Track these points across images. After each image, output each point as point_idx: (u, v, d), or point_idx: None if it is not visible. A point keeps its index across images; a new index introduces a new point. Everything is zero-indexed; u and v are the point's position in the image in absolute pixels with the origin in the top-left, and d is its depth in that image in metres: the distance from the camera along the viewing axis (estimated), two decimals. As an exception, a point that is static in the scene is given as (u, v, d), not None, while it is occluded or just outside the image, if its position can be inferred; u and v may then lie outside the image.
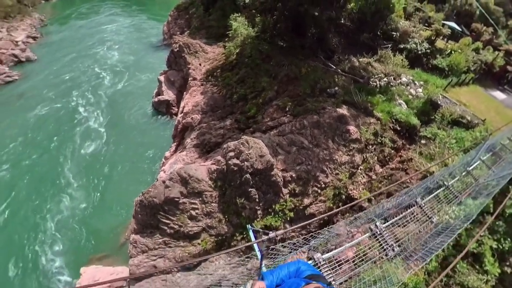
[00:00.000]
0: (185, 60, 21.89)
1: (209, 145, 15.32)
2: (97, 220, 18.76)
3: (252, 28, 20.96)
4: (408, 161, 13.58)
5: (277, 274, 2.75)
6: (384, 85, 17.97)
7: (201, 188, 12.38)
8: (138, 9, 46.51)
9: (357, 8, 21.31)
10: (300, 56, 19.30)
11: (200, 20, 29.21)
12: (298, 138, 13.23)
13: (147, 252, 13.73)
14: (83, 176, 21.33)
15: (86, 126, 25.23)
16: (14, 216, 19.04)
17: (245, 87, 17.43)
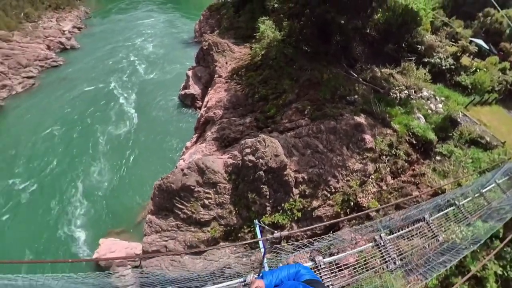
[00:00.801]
0: (212, 58, 22.14)
1: (227, 140, 15.47)
2: (119, 196, 19.51)
3: (278, 32, 20.88)
4: (420, 175, 13.13)
5: (277, 275, 2.72)
6: (404, 97, 17.41)
7: (216, 180, 12.58)
8: (173, 7, 47.62)
9: (383, 19, 20.64)
10: (323, 62, 18.99)
11: (230, 21, 29.50)
12: (314, 141, 13.11)
13: (160, 233, 14.12)
14: (111, 153, 22.50)
15: (120, 109, 26.67)
16: (49, 179, 20.56)
17: (267, 87, 17.39)
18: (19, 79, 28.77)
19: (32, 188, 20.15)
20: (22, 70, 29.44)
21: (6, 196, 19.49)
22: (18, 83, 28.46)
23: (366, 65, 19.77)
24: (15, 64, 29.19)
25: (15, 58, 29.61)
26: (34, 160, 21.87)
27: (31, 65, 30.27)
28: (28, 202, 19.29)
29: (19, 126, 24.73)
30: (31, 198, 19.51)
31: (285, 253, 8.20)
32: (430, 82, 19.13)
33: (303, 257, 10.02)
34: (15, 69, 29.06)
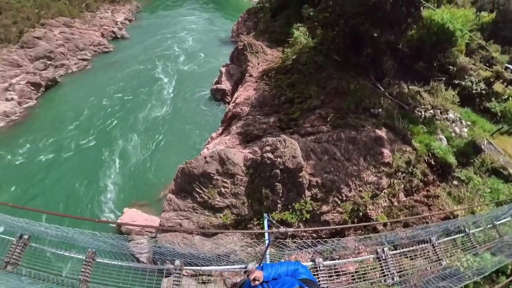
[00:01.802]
0: (246, 58, 22.39)
1: (250, 136, 15.60)
2: (146, 172, 20.41)
3: (311, 39, 20.56)
4: (434, 197, 12.58)
5: (276, 269, 2.72)
6: (429, 117, 16.62)
7: (234, 171, 12.78)
8: (214, 8, 48.37)
9: (417, 36, 19.55)
10: (351, 73, 18.52)
11: (266, 24, 29.59)
12: (332, 148, 12.94)
13: (177, 211, 14.59)
14: (146, 132, 23.73)
15: (160, 93, 27.99)
16: (93, 143, 22.55)
17: (294, 91, 17.30)
18: (75, 60, 31.19)
19: (77, 149, 22.21)
20: (78, 53, 31.88)
21: (55, 152, 21.78)
22: (74, 64, 30.85)
23: (394, 80, 19.03)
24: (73, 47, 31.64)
25: (74, 42, 32.02)
26: (82, 125, 24.11)
27: (86, 49, 32.64)
28: (72, 161, 21.23)
29: (72, 98, 27.15)
30: (75, 157, 21.51)
31: (288, 249, 8.27)
32: (457, 105, 18.05)
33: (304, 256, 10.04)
34: (73, 51, 31.49)
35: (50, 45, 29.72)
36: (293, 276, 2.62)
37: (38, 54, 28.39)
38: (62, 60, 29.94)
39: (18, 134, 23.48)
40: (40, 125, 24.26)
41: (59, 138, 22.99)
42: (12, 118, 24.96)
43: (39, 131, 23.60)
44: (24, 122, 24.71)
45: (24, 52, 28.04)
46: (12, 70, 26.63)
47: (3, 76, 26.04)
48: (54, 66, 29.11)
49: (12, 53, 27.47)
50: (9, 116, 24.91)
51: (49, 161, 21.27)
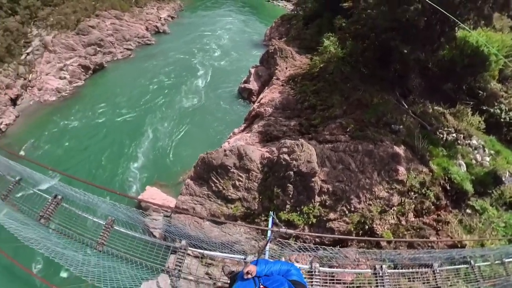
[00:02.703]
0: (275, 61, 22.15)
1: (270, 136, 15.40)
2: (171, 156, 21.07)
3: (340, 49, 19.88)
4: (444, 223, 11.65)
5: (270, 267, 2.66)
6: (450, 140, 15.43)
7: (250, 167, 12.68)
8: (250, 11, 48.45)
9: (449, 56, 18.13)
10: (376, 86, 17.67)
11: (297, 31, 29.14)
12: (348, 159, 12.42)
13: (193, 196, 14.74)
14: (175, 118, 24.46)
15: (193, 85, 28.74)
16: (130, 121, 23.86)
17: (317, 98, 16.83)
18: (121, 49, 32.86)
19: (116, 124, 23.68)
20: (124, 43, 33.49)
21: (96, 124, 23.55)
22: (119, 52, 32.54)
23: (420, 98, 17.91)
24: (120, 37, 33.34)
25: (121, 32, 33.69)
26: (122, 104, 25.79)
27: (131, 40, 34.22)
28: (110, 133, 22.63)
29: (115, 81, 28.86)
30: (113, 131, 22.89)
31: (290, 249, 7.99)
32: (482, 132, 16.61)
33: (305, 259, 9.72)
34: (119, 41, 33.17)
35: (101, 34, 31.53)
36: (284, 276, 2.55)
37: (91, 41, 30.23)
38: (110, 48, 31.67)
39: (67, 107, 25.40)
40: (86, 101, 26.00)
41: (100, 113, 24.62)
42: (62, 94, 26.72)
43: (84, 106, 25.38)
44: (72, 98, 26.42)
45: (79, 38, 29.94)
46: (68, 53, 28.52)
47: (60, 58, 27.94)
48: (103, 53, 30.90)
49: (69, 38, 29.39)
50: (60, 92, 26.67)
51: (90, 130, 22.92)
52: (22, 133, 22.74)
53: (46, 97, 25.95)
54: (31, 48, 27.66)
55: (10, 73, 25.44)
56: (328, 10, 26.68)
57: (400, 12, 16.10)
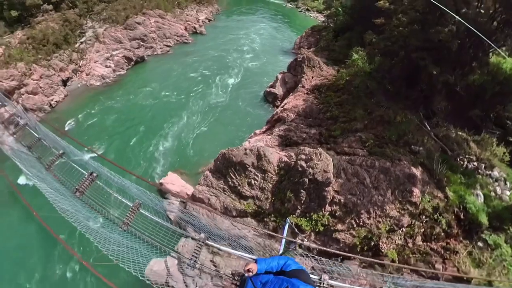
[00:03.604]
0: (302, 69, 21.66)
1: (289, 141, 15.04)
2: (194, 146, 21.09)
3: (368, 64, 19.05)
4: (452, 252, 10.70)
5: (268, 263, 2.70)
6: (470, 168, 14.18)
7: (267, 168, 12.47)
8: (283, 19, 47.82)
9: (479, 82, 16.66)
10: (400, 104, 16.68)
11: (327, 42, 28.53)
12: (363, 173, 11.80)
13: (209, 188, 14.79)
14: (203, 110, 24.72)
15: (223, 82, 28.84)
16: (162, 108, 24.65)
17: (340, 110, 16.25)
18: (161, 46, 33.69)
19: (149, 110, 24.49)
20: (164, 40, 34.33)
21: (133, 108, 24.64)
22: (159, 48, 33.41)
23: (444, 122, 16.64)
24: (161, 35, 34.25)
25: (162, 30, 34.59)
26: (158, 93, 26.65)
27: (171, 37, 35.00)
28: (143, 118, 23.42)
29: (154, 73, 29.77)
30: (146, 116, 23.68)
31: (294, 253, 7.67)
32: (506, 164, 15.13)
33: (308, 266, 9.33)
34: (160, 38, 34.07)
35: (146, 30, 32.69)
36: (283, 268, 2.59)
37: (136, 35, 31.51)
38: (152, 43, 32.74)
39: (109, 91, 26.56)
40: (126, 88, 27.14)
41: (138, 99, 25.85)
42: (106, 80, 28.07)
43: (124, 92, 26.55)
44: (114, 85, 27.72)
45: (126, 32, 31.31)
46: (115, 45, 29.91)
47: (108, 48, 29.38)
48: (145, 47, 32.10)
49: (118, 32, 30.81)
50: (104, 78, 28.03)
51: (127, 113, 24.05)
52: (68, 110, 24.21)
53: (92, 82, 27.39)
54: (84, 38, 29.36)
55: (65, 58, 27.17)
56: (359, 25, 25.74)
57: (434, 32, 15.12)
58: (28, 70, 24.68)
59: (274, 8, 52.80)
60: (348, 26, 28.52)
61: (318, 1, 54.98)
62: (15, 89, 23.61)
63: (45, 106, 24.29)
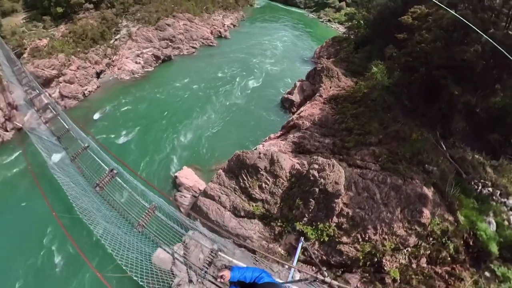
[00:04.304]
0: (320, 79, 21.13)
1: (303, 148, 14.69)
2: (209, 144, 21.11)
3: (387, 78, 18.16)
4: (457, 279, 9.99)
5: (243, 272, 2.55)
6: (485, 194, 13.16)
7: (279, 174, 12.22)
8: (304, 29, 47.20)
9: (501, 105, 15.53)
10: (417, 121, 15.81)
11: (347, 54, 27.79)
12: (374, 188, 11.29)
13: (221, 186, 14.66)
14: (221, 110, 24.82)
15: (243, 85, 28.87)
16: (182, 106, 24.88)
17: (355, 122, 15.65)
18: (187, 47, 34.30)
19: (173, 103, 25.12)
20: (190, 41, 34.91)
21: (157, 100, 25.23)
22: (185, 49, 34.05)
23: (460, 143, 15.59)
24: (188, 37, 34.87)
25: (190, 33, 35.19)
26: (182, 89, 27.37)
27: (197, 40, 35.54)
28: (166, 110, 24.01)
29: (179, 71, 30.43)
30: (170, 109, 24.28)
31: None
32: (524, 193, 14.01)
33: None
34: (187, 40, 34.69)
35: (174, 32, 33.50)
36: (255, 281, 2.47)
37: (165, 36, 32.33)
38: (179, 44, 33.47)
39: (137, 85, 27.45)
40: (153, 83, 27.94)
41: (163, 93, 26.60)
42: (135, 75, 28.94)
43: (151, 86, 27.38)
44: (142, 80, 28.62)
45: (156, 32, 32.22)
46: (145, 44, 30.84)
47: (139, 46, 30.33)
48: (172, 47, 32.91)
49: (149, 32, 31.79)
50: (134, 74, 28.90)
51: (152, 105, 24.80)
52: (99, 100, 25.15)
53: (122, 76, 28.30)
54: (119, 36, 30.44)
55: (100, 52, 28.25)
56: (380, 38, 24.82)
57: (458, 51, 14.27)
58: (67, 61, 25.85)
59: (296, 18, 52.24)
60: (368, 39, 27.60)
61: (340, 13, 53.80)
62: (54, 77, 24.77)
63: (79, 94, 25.31)
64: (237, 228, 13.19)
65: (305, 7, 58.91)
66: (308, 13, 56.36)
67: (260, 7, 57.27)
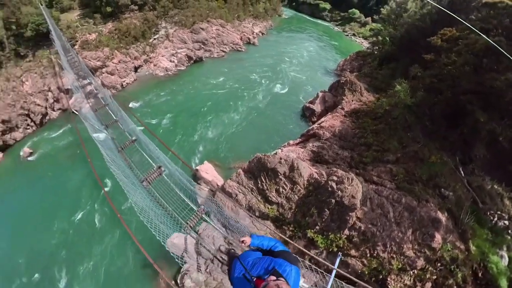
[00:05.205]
0: (343, 92, 20.69)
1: (321, 158, 14.50)
2: (229, 142, 21.38)
3: (410, 98, 17.32)
4: None
5: (261, 240, 2.71)
6: (500, 226, 12.37)
7: (297, 181, 12.20)
8: (329, 41, 46.16)
9: None
10: (436, 144, 15.08)
11: (371, 69, 26.85)
12: (388, 207, 11.01)
13: (239, 185, 14.78)
14: (243, 111, 25.09)
15: (266, 89, 28.98)
16: (211, 103, 25.61)
17: (375, 138, 15.18)
18: (218, 50, 34.92)
19: (202, 99, 25.95)
20: (221, 45, 35.46)
21: (189, 96, 26.24)
22: (216, 52, 34.70)
23: (480, 171, 14.73)
24: (220, 41, 35.47)
25: (221, 37, 35.79)
26: (212, 88, 27.90)
27: (227, 44, 36.01)
28: (196, 106, 25.06)
29: (209, 71, 31.10)
30: (197, 104, 25.11)
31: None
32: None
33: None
34: (218, 43, 35.28)
35: (207, 35, 34.27)
36: (271, 249, 2.61)
37: (198, 38, 33.23)
38: (210, 47, 34.21)
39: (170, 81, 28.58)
40: (185, 80, 28.98)
41: (194, 89, 27.54)
42: (168, 73, 30.04)
43: (183, 83, 28.46)
44: (174, 77, 29.77)
45: (191, 35, 33.21)
46: (180, 44, 31.93)
47: (174, 46, 31.54)
48: (204, 50, 33.78)
49: (184, 34, 32.88)
50: (167, 71, 30.03)
51: (183, 100, 25.74)
52: (135, 91, 26.47)
53: (157, 72, 29.48)
54: (157, 35, 31.75)
55: (139, 49, 29.64)
56: (406, 57, 23.87)
57: (488, 78, 13.47)
58: (110, 54, 27.38)
59: (322, 30, 51.39)
60: (393, 56, 26.59)
61: (365, 28, 52.27)
62: (98, 68, 26.36)
63: (117, 85, 26.75)
64: (249, 227, 13.32)
65: (331, 20, 57.84)
66: (334, 26, 55.26)
67: (288, 17, 56.96)
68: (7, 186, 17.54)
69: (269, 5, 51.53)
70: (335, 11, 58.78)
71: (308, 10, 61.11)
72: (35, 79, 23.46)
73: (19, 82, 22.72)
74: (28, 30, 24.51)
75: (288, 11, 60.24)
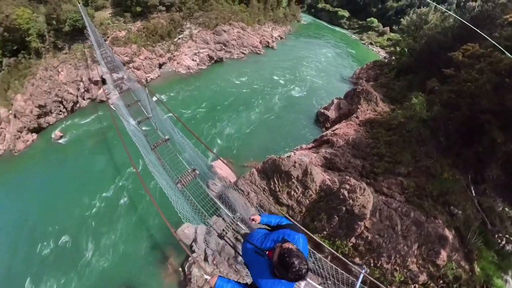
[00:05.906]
0: (359, 100, 20.29)
1: (333, 165, 14.40)
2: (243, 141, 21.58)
3: (425, 111, 16.71)
4: None
5: (269, 218, 2.93)
6: (507, 250, 11.90)
7: (309, 186, 12.22)
8: (346, 48, 45.07)
9: None
10: (450, 161, 14.56)
11: (387, 80, 25.97)
12: (396, 220, 10.89)
13: (252, 183, 14.79)
14: (259, 112, 25.21)
15: (283, 92, 28.85)
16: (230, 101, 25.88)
17: (388, 149, 14.87)
18: (237, 52, 35.09)
19: (223, 97, 26.28)
20: (241, 48, 35.60)
21: (208, 93, 26.62)
22: (236, 53, 34.89)
23: (492, 192, 14.15)
24: (240, 43, 35.62)
25: (242, 40, 35.94)
26: (230, 86, 28.08)
27: (247, 47, 36.15)
28: (216, 102, 25.63)
29: (229, 71, 31.30)
30: (217, 101, 25.74)
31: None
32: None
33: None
34: (238, 45, 35.42)
35: (228, 37, 34.55)
36: (278, 223, 2.77)
37: (220, 40, 33.57)
38: (231, 49, 34.49)
39: (191, 79, 29.20)
40: (206, 78, 29.53)
41: (214, 87, 27.68)
42: (190, 71, 30.60)
43: (204, 81, 28.98)
44: (196, 75, 30.50)
45: (213, 36, 33.61)
46: (203, 45, 32.44)
47: (197, 46, 32.15)
48: (225, 51, 34.09)
49: (207, 35, 33.37)
50: (189, 69, 30.60)
51: (204, 96, 26.40)
52: (158, 86, 27.24)
53: (180, 70, 30.12)
54: (182, 35, 32.36)
55: (164, 47, 30.37)
56: (423, 69, 23.09)
57: (510, 99, 12.88)
58: (138, 51, 28.25)
59: (339, 37, 50.35)
60: (411, 68, 25.69)
61: (383, 37, 50.77)
62: (126, 63, 27.26)
63: (142, 80, 27.56)
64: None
65: (348, 28, 56.52)
66: (351, 34, 53.99)
67: (306, 23, 56.16)
68: (42, 164, 18.90)
69: (289, 11, 51.14)
70: (353, 19, 57.39)
71: (327, 17, 60.02)
72: (70, 69, 24.67)
73: (56, 72, 23.97)
74: (67, 25, 25.73)
75: (307, 17, 59.40)
